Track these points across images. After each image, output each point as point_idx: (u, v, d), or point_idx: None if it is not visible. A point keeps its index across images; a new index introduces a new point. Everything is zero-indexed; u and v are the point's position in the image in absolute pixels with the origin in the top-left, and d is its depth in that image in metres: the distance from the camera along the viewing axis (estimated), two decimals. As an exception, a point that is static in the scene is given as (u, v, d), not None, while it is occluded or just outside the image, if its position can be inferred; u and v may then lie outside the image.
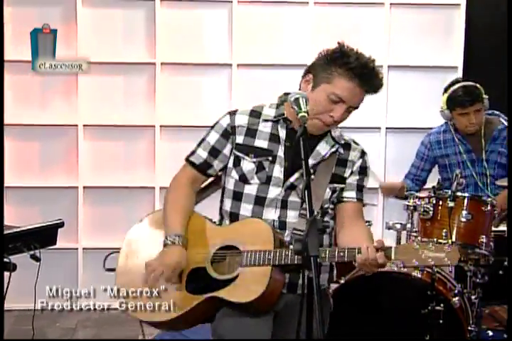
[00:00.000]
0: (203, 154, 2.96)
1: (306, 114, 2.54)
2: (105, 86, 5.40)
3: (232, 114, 2.96)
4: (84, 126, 5.38)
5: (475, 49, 5.48)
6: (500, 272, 4.15)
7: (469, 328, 3.90)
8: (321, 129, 2.86)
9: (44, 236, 3.53)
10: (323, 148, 2.91)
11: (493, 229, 4.01)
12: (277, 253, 2.71)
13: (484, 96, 4.48)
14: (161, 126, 5.41)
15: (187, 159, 3.00)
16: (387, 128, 5.53)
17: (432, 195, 4.00)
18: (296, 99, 2.59)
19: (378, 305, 3.88)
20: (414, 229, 4.10)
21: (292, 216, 2.86)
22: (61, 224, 3.61)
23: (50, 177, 5.42)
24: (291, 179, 2.87)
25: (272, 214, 2.86)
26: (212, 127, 2.98)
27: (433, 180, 4.75)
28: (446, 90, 4.55)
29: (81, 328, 5.00)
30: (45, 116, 5.36)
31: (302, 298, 2.39)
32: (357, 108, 2.86)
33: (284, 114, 2.91)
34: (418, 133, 5.05)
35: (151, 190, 5.40)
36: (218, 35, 5.45)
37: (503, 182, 4.32)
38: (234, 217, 2.91)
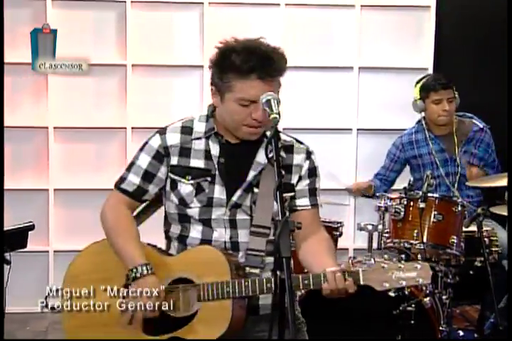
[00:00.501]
0: (135, 180, 2.75)
1: (277, 116, 2.42)
2: (76, 87, 5.37)
3: (162, 133, 2.76)
4: (54, 128, 5.35)
5: (445, 50, 5.52)
6: (471, 272, 4.19)
7: (440, 328, 3.93)
8: (255, 133, 2.66)
9: (14, 239, 3.51)
10: (261, 157, 2.69)
11: (464, 229, 4.04)
12: (236, 285, 2.54)
13: (455, 91, 4.56)
14: (132, 128, 5.39)
15: (117, 187, 2.78)
16: (358, 129, 5.54)
17: (403, 195, 4.02)
18: (268, 101, 2.47)
19: (349, 306, 3.89)
20: (385, 230, 4.13)
21: (243, 235, 2.68)
22: (32, 227, 3.60)
23: (20, 180, 5.38)
24: (234, 198, 2.69)
25: (222, 234, 2.69)
26: (141, 149, 2.80)
27: (404, 181, 4.77)
28: (418, 82, 4.63)
29: (52, 331, 4.96)
30: (14, 118, 5.32)
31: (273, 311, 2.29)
32: (277, 95, 2.59)
33: (214, 128, 2.72)
34: (389, 135, 5.08)
35: (122, 192, 5.37)
36: (189, 37, 5.44)
37: (476, 183, 4.36)
38: (183, 239, 2.73)
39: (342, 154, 5.52)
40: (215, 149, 2.71)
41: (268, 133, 2.64)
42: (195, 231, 2.70)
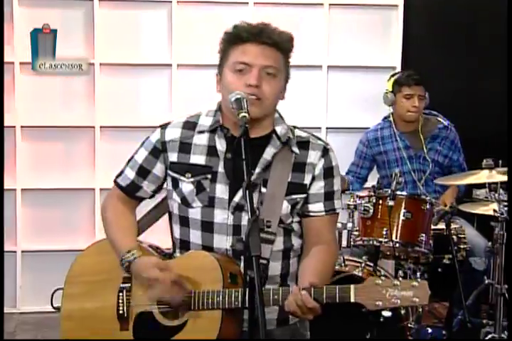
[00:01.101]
0: (130, 174, 2.64)
1: (246, 115, 2.32)
2: (44, 86, 5.32)
3: (164, 127, 2.61)
4: (22, 127, 5.30)
5: (413, 49, 5.54)
6: (440, 270, 4.22)
7: (409, 325, 3.94)
8: (256, 106, 2.45)
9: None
10: (269, 154, 2.53)
11: (433, 227, 4.07)
12: (226, 295, 2.38)
13: (426, 91, 4.62)
14: (100, 127, 5.36)
15: (115, 180, 2.69)
16: (327, 128, 5.56)
17: (372, 194, 4.04)
18: (237, 99, 2.37)
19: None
20: (355, 228, 4.14)
21: None
22: (-1, 227, 3.57)
23: (-13, 180, 5.33)
24: (236, 198, 2.49)
25: (223, 242, 2.51)
26: (142, 143, 2.66)
27: (373, 179, 4.80)
28: (393, 75, 4.70)
29: (20, 332, 4.93)
30: (-19, 118, 5.27)
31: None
32: (276, 68, 2.53)
33: (219, 121, 2.54)
34: (358, 133, 5.08)
35: (90, 191, 5.34)
36: (158, 36, 5.42)
37: (443, 180, 4.39)
38: (185, 244, 2.59)
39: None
40: (221, 144, 2.53)
41: (278, 130, 2.56)
42: (195, 237, 2.55)
